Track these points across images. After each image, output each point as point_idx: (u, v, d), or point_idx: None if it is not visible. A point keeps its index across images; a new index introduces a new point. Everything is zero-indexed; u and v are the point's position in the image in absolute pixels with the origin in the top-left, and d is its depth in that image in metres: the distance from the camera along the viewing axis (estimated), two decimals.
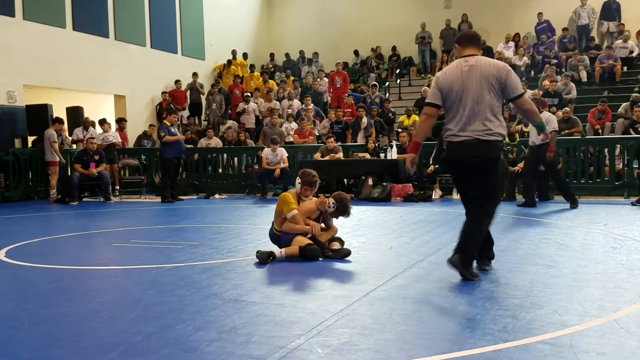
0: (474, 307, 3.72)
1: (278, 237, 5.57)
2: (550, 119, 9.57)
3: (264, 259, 5.18)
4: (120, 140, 13.90)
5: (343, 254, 5.38)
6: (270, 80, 18.27)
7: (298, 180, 5.74)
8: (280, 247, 5.51)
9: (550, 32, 17.97)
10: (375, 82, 17.05)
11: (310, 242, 5.36)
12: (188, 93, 17.37)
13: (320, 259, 5.34)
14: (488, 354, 2.88)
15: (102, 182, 12.15)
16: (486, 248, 4.75)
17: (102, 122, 13.52)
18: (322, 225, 5.65)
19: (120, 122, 14.62)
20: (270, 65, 20.74)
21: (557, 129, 9.87)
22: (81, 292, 4.39)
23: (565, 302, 3.79)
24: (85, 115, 13.75)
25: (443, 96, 4.49)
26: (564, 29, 17.86)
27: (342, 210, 5.54)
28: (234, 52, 19.64)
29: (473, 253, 4.49)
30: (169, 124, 11.81)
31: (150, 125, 15.45)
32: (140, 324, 3.46)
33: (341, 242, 5.65)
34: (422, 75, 18.91)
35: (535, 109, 4.66)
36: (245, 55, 20.02)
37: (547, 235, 6.55)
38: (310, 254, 5.28)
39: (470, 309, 3.68)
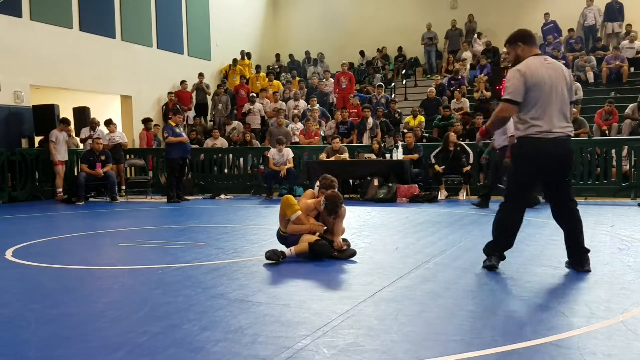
0: (480, 308, 3.71)
1: (285, 238, 5.58)
2: (509, 125, 9.62)
3: (276, 258, 5.15)
4: (126, 140, 13.96)
5: (348, 255, 5.38)
6: (275, 81, 18.28)
7: (317, 183, 5.82)
8: (288, 247, 5.51)
9: (556, 33, 17.91)
10: (380, 83, 17.03)
11: (318, 238, 5.38)
12: (194, 93, 17.42)
13: (326, 258, 5.34)
14: (494, 356, 2.87)
15: (109, 182, 12.19)
16: (507, 246, 4.73)
17: (108, 122, 13.56)
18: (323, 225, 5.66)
19: (147, 122, 14.71)
20: (276, 66, 20.76)
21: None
22: (87, 292, 4.40)
23: (572, 303, 3.77)
24: (92, 115, 13.80)
25: (527, 91, 4.39)
26: (570, 30, 17.79)
27: (331, 208, 5.49)
28: (242, 53, 19.67)
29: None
30: (173, 124, 11.85)
31: (155, 125, 15.48)
32: (146, 324, 3.46)
33: (347, 242, 5.64)
34: (428, 75, 18.88)
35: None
36: (249, 55, 20.01)
37: (554, 237, 6.50)
38: (320, 249, 5.29)
39: (477, 310, 3.67)
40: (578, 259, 4.64)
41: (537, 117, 4.41)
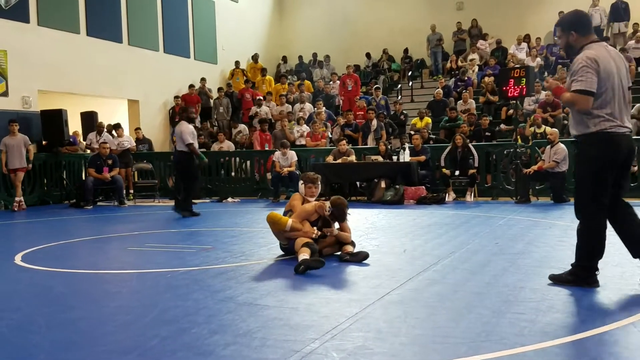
0: (489, 310, 3.70)
1: (286, 247, 5.62)
2: (185, 131, 9.30)
3: (320, 264, 4.91)
4: (134, 144, 14.00)
5: (361, 258, 5.37)
6: (278, 84, 18.30)
7: (301, 182, 6.03)
8: (292, 253, 5.53)
9: None
10: (378, 85, 17.03)
11: (309, 240, 5.31)
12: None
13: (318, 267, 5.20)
14: (504, 358, 2.86)
15: (116, 186, 12.24)
16: (601, 253, 4.36)
17: (116, 127, 13.60)
18: (323, 231, 5.63)
19: (263, 123, 14.68)
20: (283, 69, 20.78)
21: (192, 142, 9.37)
22: (97, 296, 4.42)
23: (582, 305, 3.75)
24: (100, 120, 13.88)
25: (599, 82, 4.02)
26: None
27: (337, 214, 5.55)
28: (255, 57, 19.69)
29: None
30: None
31: (137, 129, 15.21)
32: (155, 328, 3.47)
33: (353, 245, 5.64)
34: (435, 77, 18.86)
35: None
36: (256, 58, 19.98)
37: (563, 238, 6.49)
38: (314, 266, 5.02)
39: (486, 312, 3.66)
40: None
41: (610, 111, 4.06)
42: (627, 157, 4.20)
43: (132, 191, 13.37)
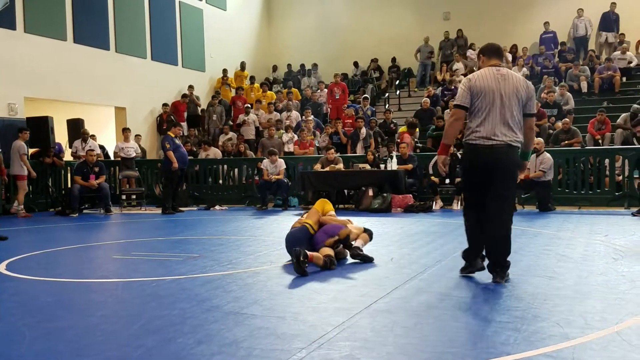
0: (475, 319, 3.71)
1: (311, 236, 5.68)
2: None
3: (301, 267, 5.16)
4: (140, 152, 14.07)
5: (369, 259, 5.72)
6: (269, 92, 18.33)
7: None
8: (311, 248, 5.58)
9: (553, 44, 18.11)
10: (366, 95, 17.09)
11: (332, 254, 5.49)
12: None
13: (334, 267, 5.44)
14: None
15: (102, 193, 12.15)
16: (474, 251, 4.97)
17: (124, 130, 13.84)
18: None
19: (412, 127, 14.40)
20: (271, 78, 20.82)
21: None
22: (82, 306, 4.38)
23: (567, 314, 3.78)
24: (86, 127, 13.83)
25: (472, 98, 4.59)
26: (562, 44, 18.03)
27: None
28: (242, 65, 19.73)
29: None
30: (173, 135, 11.86)
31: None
32: (141, 338, 3.45)
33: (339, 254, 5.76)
34: (418, 88, 18.98)
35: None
36: (243, 66, 20.00)
37: (548, 247, 6.54)
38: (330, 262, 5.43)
39: (472, 321, 3.67)
40: (493, 270, 4.75)
41: (479, 124, 4.58)
42: (487, 168, 4.59)
43: (124, 197, 13.28)
